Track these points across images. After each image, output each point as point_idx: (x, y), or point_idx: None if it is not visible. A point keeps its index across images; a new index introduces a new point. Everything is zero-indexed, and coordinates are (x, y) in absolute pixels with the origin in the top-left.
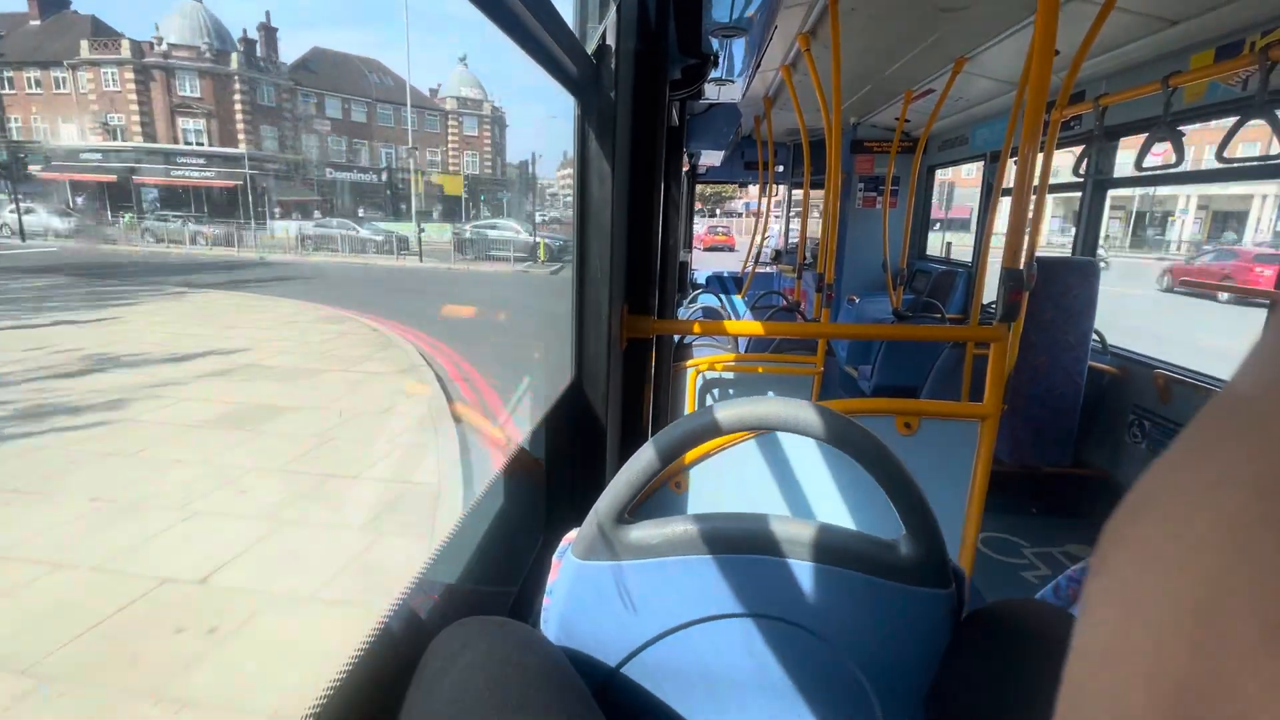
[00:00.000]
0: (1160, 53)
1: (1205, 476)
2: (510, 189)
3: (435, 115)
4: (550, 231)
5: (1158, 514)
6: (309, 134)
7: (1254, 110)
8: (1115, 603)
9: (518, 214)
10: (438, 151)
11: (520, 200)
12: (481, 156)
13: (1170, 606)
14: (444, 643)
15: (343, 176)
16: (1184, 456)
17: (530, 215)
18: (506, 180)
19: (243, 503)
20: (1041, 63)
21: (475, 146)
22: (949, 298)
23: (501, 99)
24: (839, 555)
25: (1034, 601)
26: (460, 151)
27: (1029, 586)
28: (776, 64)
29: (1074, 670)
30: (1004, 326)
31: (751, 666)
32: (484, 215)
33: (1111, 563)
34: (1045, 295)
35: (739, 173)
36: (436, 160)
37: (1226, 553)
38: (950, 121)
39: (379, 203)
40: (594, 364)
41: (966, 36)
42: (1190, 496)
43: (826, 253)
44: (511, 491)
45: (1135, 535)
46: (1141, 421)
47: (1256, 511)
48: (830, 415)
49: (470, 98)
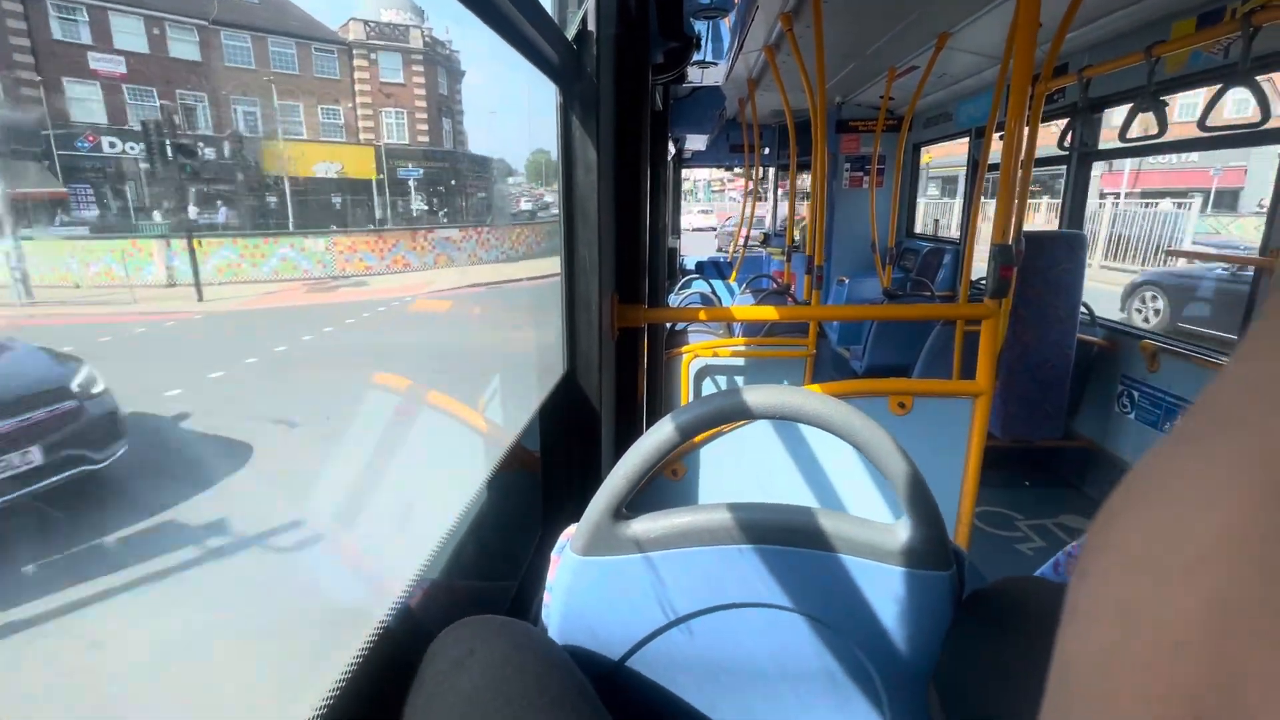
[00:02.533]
0: (1143, 22)
1: (1205, 479)
2: (471, 173)
3: (330, 52)
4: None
5: (1151, 518)
6: (67, 77)
7: (1237, 78)
8: (1109, 612)
9: (483, 211)
10: (338, 109)
11: (490, 190)
12: (413, 118)
13: (1175, 621)
14: (445, 644)
15: (133, 152)
16: (1178, 452)
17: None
18: (460, 157)
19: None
20: (1025, 36)
21: (400, 101)
22: (937, 275)
23: (451, 36)
24: (839, 541)
25: (1035, 579)
26: (375, 109)
27: (1024, 559)
28: (759, 45)
29: (1062, 678)
30: (994, 303)
31: (755, 656)
32: (416, 211)
33: (1103, 567)
34: (1034, 270)
35: (724, 156)
36: (338, 123)
37: (1236, 565)
38: (934, 98)
39: (222, 195)
40: (586, 355)
41: (949, 11)
42: (1189, 502)
43: (815, 234)
44: (508, 487)
45: (1128, 541)
46: (1130, 392)
47: (1268, 522)
48: (827, 401)
49: (391, 24)
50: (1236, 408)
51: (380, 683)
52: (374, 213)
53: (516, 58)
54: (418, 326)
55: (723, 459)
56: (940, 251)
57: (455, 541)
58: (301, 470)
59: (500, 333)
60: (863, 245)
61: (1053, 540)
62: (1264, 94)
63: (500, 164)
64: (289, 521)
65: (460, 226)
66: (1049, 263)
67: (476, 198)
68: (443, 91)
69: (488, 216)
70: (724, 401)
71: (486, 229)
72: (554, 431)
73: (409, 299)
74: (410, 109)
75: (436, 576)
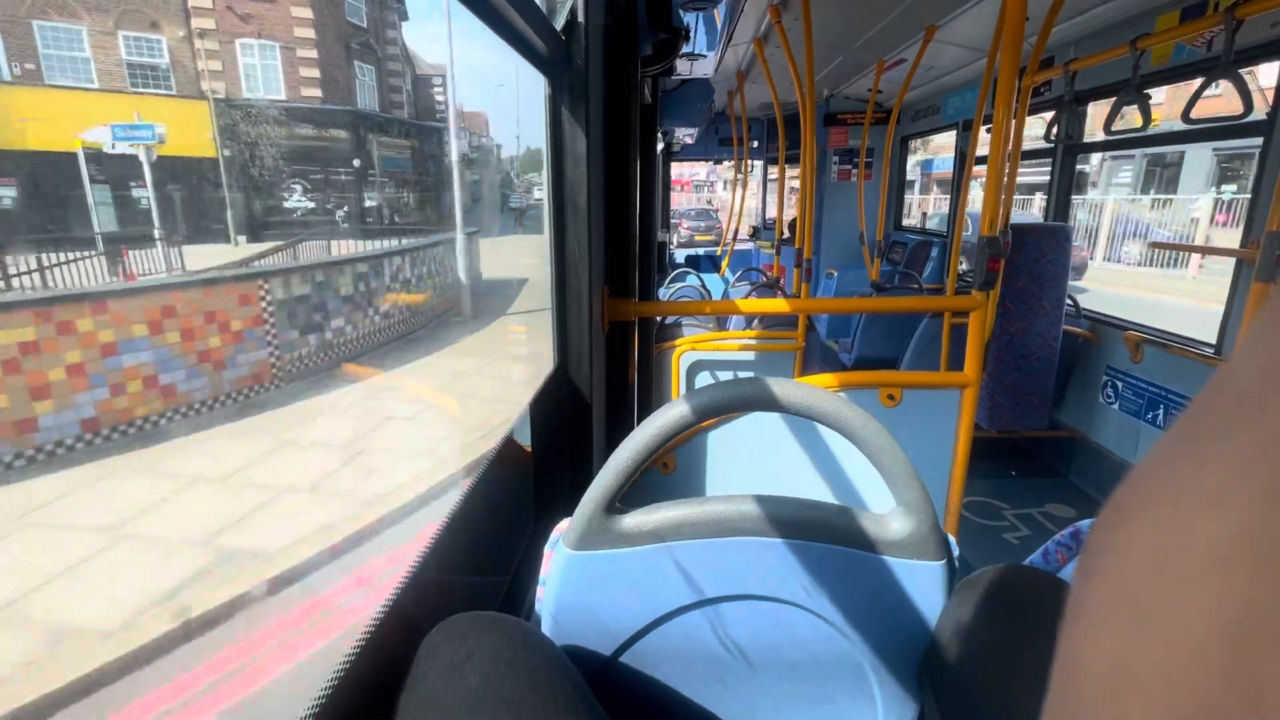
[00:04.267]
0: (1128, 16)
1: (1215, 479)
2: (409, 152)
3: None
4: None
5: (1161, 520)
6: None
7: (1220, 71)
8: (1120, 616)
9: (434, 215)
10: (156, 40)
11: (445, 179)
12: (291, 59)
13: (1190, 627)
14: (437, 641)
15: None
16: (1185, 451)
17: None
18: (387, 124)
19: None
20: (1012, 28)
21: (270, 30)
22: (925, 267)
23: None
24: (832, 532)
25: (1025, 568)
26: (225, 39)
27: (1012, 547)
28: (748, 37)
29: (1069, 682)
30: (982, 295)
31: (748, 648)
32: (300, 213)
33: (1111, 570)
34: (1020, 261)
35: (714, 149)
36: (155, 61)
37: (1252, 569)
38: (922, 91)
39: None
40: (577, 350)
41: (936, 4)
42: (1200, 503)
43: (804, 227)
44: (500, 482)
45: (1136, 544)
46: (1114, 382)
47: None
48: (818, 393)
49: None
50: (1244, 404)
51: (374, 678)
52: (220, 215)
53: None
54: None
55: (715, 452)
56: (928, 244)
57: (448, 537)
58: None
59: None
60: (851, 238)
61: (1039, 529)
62: (1246, 87)
63: (479, 146)
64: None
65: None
66: (1035, 254)
67: (415, 193)
68: (356, 21)
69: (440, 222)
70: (716, 395)
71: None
72: (546, 426)
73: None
74: (287, 42)
75: (430, 572)
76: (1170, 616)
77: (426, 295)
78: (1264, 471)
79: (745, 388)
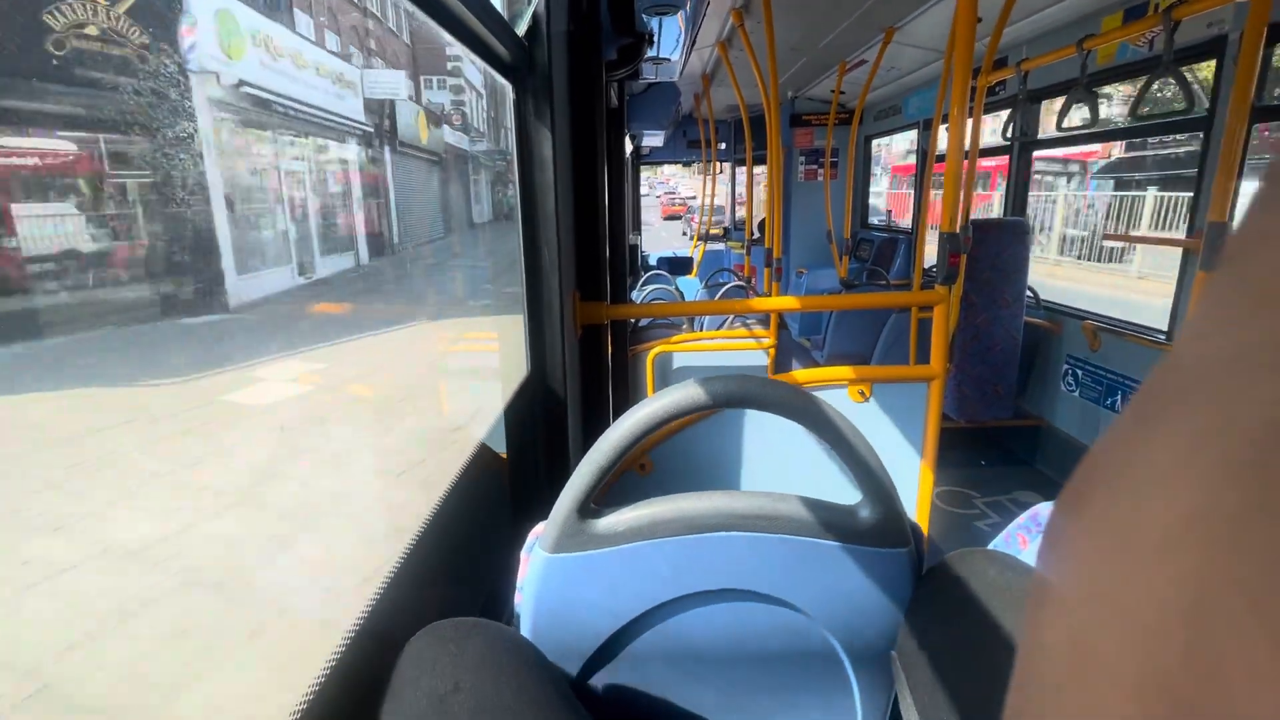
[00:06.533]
0: (1075, 17)
1: (1165, 460)
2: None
3: None
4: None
5: (1115, 502)
6: None
7: (1162, 70)
8: (1079, 599)
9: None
10: None
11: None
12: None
13: (1148, 607)
14: (417, 648)
15: None
16: (1137, 433)
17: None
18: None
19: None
20: (964, 29)
21: None
22: (892, 264)
23: None
24: (802, 525)
25: (988, 552)
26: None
27: (983, 535)
28: (712, 40)
29: (1031, 665)
30: (945, 290)
31: (725, 641)
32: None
33: (1068, 554)
34: (982, 256)
35: (682, 152)
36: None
37: (1206, 547)
38: (884, 92)
39: None
40: (550, 355)
41: (895, 6)
42: (1152, 483)
43: (772, 227)
44: (475, 489)
45: (1092, 527)
46: (1074, 370)
47: (1233, 499)
48: (784, 388)
49: None
50: (1191, 385)
51: (353, 690)
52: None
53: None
54: None
55: (691, 453)
56: (894, 241)
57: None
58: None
59: None
60: (820, 237)
61: (1008, 515)
62: (1188, 84)
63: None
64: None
65: None
66: (996, 249)
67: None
68: None
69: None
70: (684, 393)
71: None
72: (521, 432)
73: None
74: None
75: (407, 582)
76: (1129, 596)
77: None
78: (1212, 453)
79: (707, 386)
